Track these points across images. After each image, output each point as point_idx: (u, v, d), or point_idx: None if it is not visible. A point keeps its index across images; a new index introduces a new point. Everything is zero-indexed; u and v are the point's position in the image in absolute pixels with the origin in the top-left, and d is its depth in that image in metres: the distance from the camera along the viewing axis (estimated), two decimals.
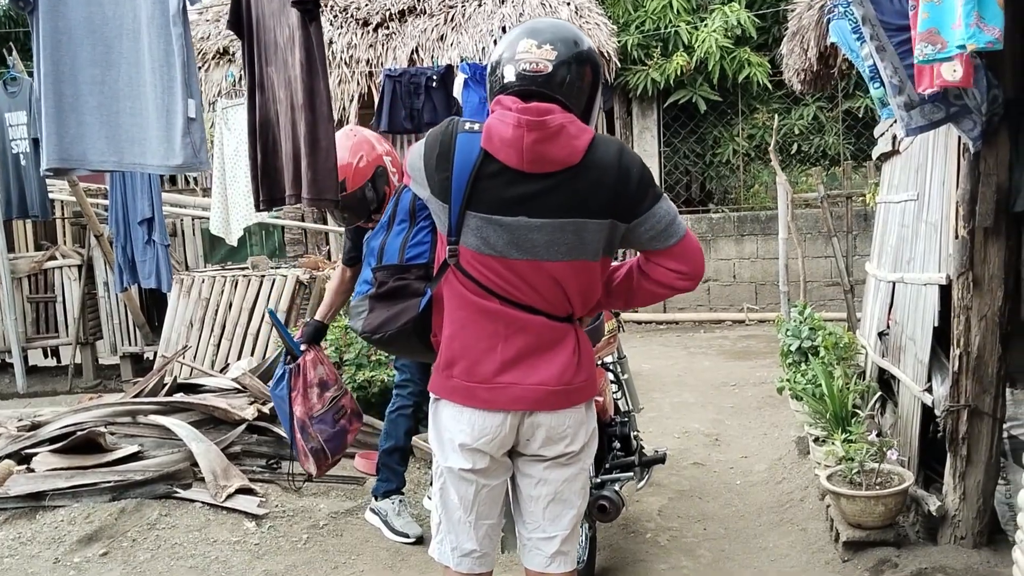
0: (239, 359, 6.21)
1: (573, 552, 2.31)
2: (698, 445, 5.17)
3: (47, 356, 8.71)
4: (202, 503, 3.84)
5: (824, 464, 3.79)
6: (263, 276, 6.67)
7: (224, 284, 6.77)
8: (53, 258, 8.04)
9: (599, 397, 3.04)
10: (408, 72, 6.46)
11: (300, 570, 3.50)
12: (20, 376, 7.66)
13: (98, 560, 3.51)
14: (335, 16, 9.69)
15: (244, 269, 7.02)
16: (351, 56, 9.28)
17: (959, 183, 3.16)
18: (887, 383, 4.41)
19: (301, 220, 8.94)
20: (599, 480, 3.25)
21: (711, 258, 9.87)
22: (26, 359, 8.15)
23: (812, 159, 10.19)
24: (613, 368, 3.93)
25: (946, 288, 3.33)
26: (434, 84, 6.43)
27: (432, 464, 2.30)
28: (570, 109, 2.07)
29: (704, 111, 9.97)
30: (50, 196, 7.44)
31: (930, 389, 3.46)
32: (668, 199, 2.13)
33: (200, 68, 9.57)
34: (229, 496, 3.85)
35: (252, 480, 4.06)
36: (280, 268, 7.06)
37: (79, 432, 4.16)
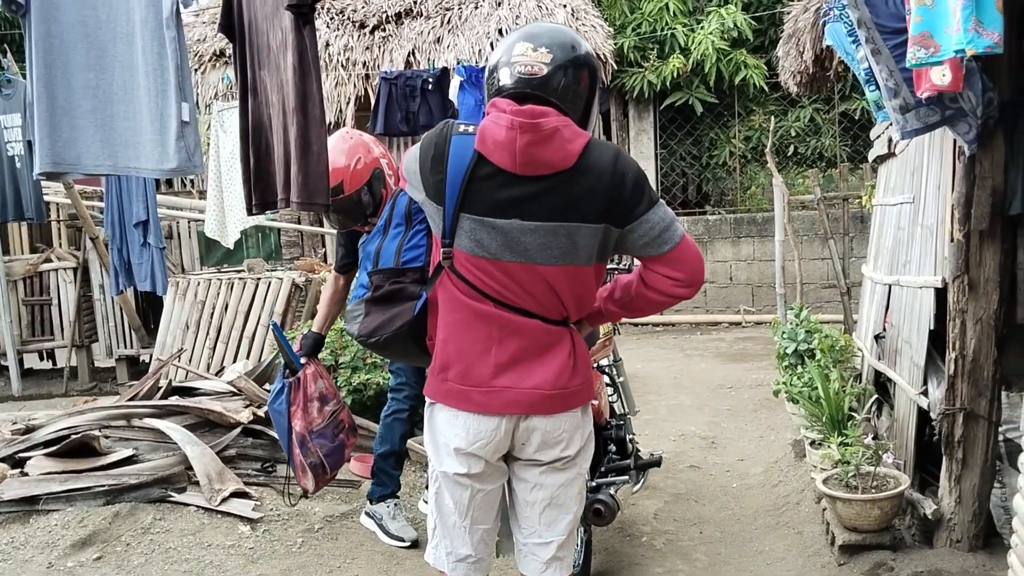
0: (235, 362, 6.20)
1: (569, 557, 2.31)
2: (694, 448, 5.17)
3: (43, 359, 8.68)
4: (197, 507, 3.83)
5: (820, 467, 3.79)
6: (259, 279, 6.65)
7: (220, 287, 6.75)
8: (49, 261, 8.02)
9: (594, 400, 3.04)
10: (404, 75, 6.46)
11: (295, 574, 3.48)
12: (15, 379, 7.65)
13: (92, 565, 3.50)
14: (331, 18, 9.68)
15: (240, 272, 7.01)
16: (347, 58, 9.27)
17: (954, 186, 3.16)
18: (883, 386, 4.41)
19: (297, 223, 8.93)
20: (594, 484, 3.24)
21: (707, 260, 9.86)
22: (21, 362, 8.13)
23: (808, 161, 10.19)
24: (609, 371, 3.93)
25: (942, 291, 3.33)
26: (430, 87, 6.43)
27: (428, 467, 2.30)
28: (566, 113, 2.07)
29: (700, 113, 9.97)
30: (45, 198, 7.43)
31: (926, 392, 3.45)
32: (665, 205, 2.11)
33: (196, 70, 9.55)
34: (224, 500, 3.85)
35: (247, 484, 4.06)
36: (276, 271, 7.05)
37: (73, 436, 4.15)
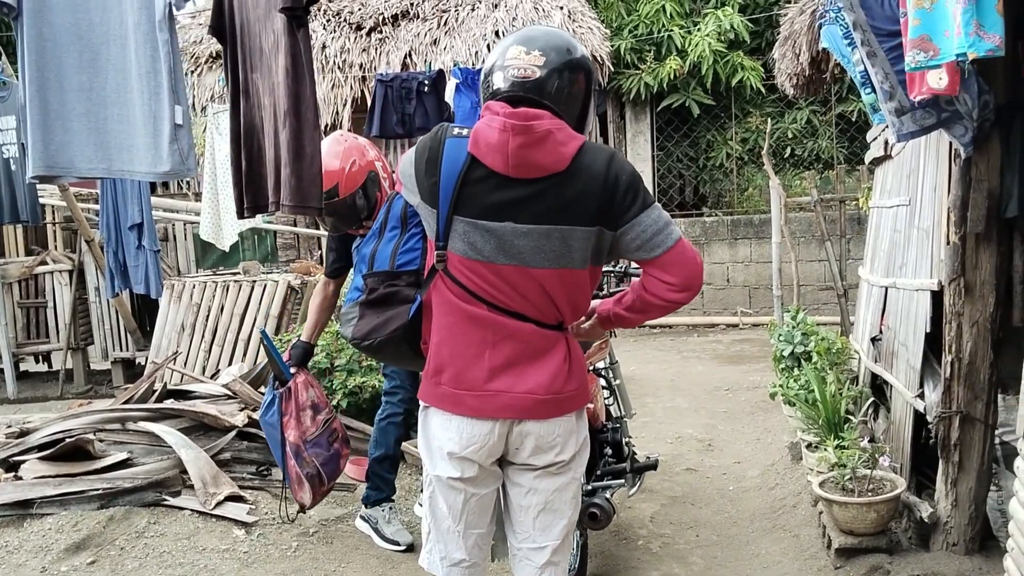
0: (230, 365, 6.18)
1: (564, 562, 2.30)
2: (691, 450, 5.16)
3: (38, 362, 8.67)
4: (191, 511, 3.82)
5: (816, 470, 3.78)
6: (254, 281, 6.64)
7: (215, 289, 6.74)
8: (44, 263, 8.00)
9: (590, 404, 3.03)
10: (400, 77, 6.44)
11: None
12: (10, 382, 7.63)
13: (85, 569, 3.48)
14: (328, 20, 9.67)
15: (235, 274, 7.00)
16: (344, 60, 9.27)
17: (950, 189, 3.15)
18: (880, 388, 4.40)
19: (293, 225, 8.92)
20: (590, 487, 3.23)
21: (705, 262, 9.80)
22: (17, 365, 8.11)
23: (805, 163, 10.20)
24: (605, 374, 3.92)
25: (938, 294, 3.32)
26: (426, 89, 6.42)
27: (423, 471, 2.29)
28: (561, 116, 2.06)
29: (697, 115, 9.97)
30: (41, 201, 7.40)
31: (922, 395, 3.44)
32: (659, 208, 2.09)
33: (193, 72, 9.54)
34: (218, 503, 3.83)
35: (242, 487, 4.04)
36: (272, 273, 7.04)
37: (68, 439, 4.13)
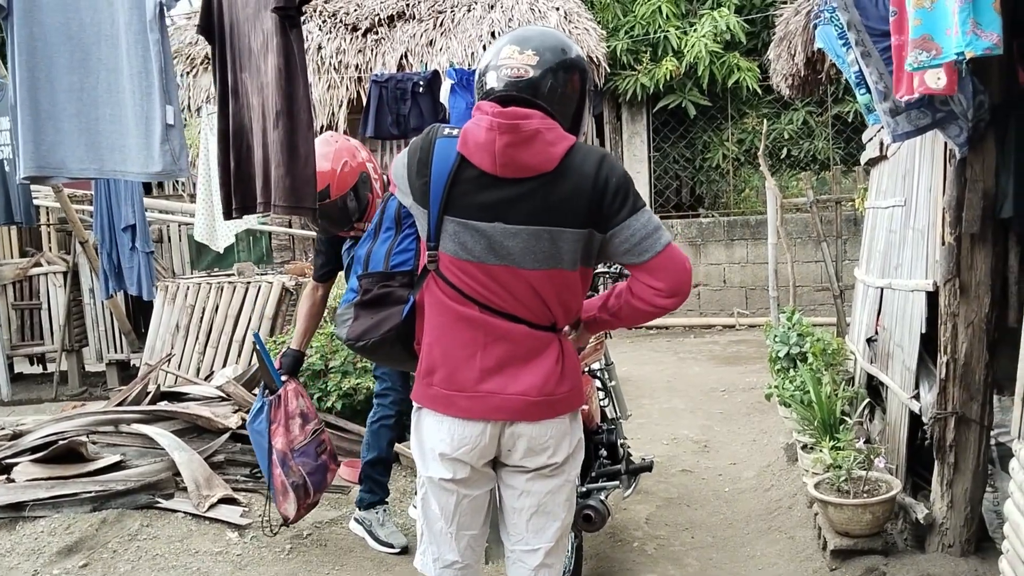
0: (224, 366, 6.16)
1: (558, 565, 2.29)
2: (687, 452, 5.15)
3: (33, 363, 8.64)
4: (184, 513, 3.80)
5: (812, 471, 3.77)
6: (248, 283, 6.62)
7: (209, 291, 6.72)
8: (38, 265, 7.98)
9: (585, 405, 3.01)
10: (395, 78, 6.43)
11: None
12: (5, 384, 7.60)
13: (78, 572, 3.47)
14: (324, 21, 9.66)
15: (230, 276, 6.97)
16: (340, 61, 9.25)
17: (945, 189, 3.14)
18: (876, 389, 4.39)
19: (288, 226, 8.90)
20: (585, 489, 3.21)
21: (701, 263, 9.85)
22: (11, 366, 8.09)
23: (802, 164, 10.19)
24: (600, 375, 3.91)
25: (933, 295, 3.31)
26: (420, 89, 6.40)
27: (417, 472, 2.28)
28: (554, 116, 2.05)
29: (694, 116, 9.96)
30: (35, 202, 7.38)
31: (918, 396, 3.44)
32: (651, 213, 2.06)
33: (188, 73, 9.53)
34: (212, 506, 3.81)
35: (235, 489, 4.03)
36: (266, 275, 7.02)
37: (61, 441, 4.12)
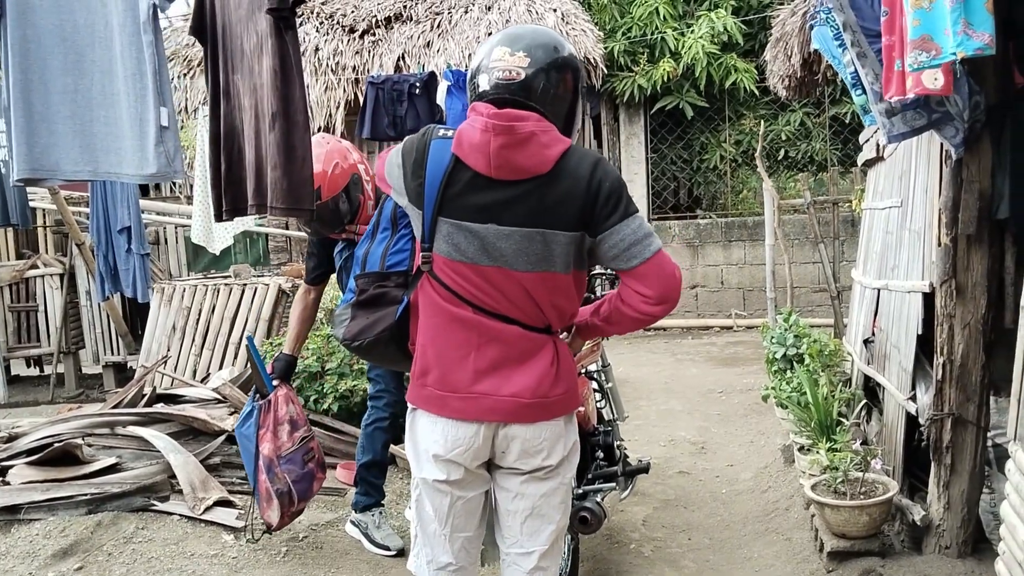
0: (220, 368, 6.15)
1: (553, 567, 2.28)
2: (684, 453, 5.14)
3: (30, 365, 8.64)
4: (180, 516, 3.79)
5: (809, 473, 3.76)
6: (245, 284, 6.61)
7: (206, 293, 6.71)
8: (35, 267, 7.97)
9: (581, 407, 3.00)
10: (391, 79, 6.42)
11: None
12: (1, 386, 7.60)
13: (73, 574, 3.45)
14: (321, 23, 9.67)
15: (226, 278, 6.96)
16: (337, 63, 9.26)
17: (941, 190, 3.14)
18: (873, 391, 4.39)
19: (285, 228, 8.89)
20: (581, 491, 3.21)
21: (699, 264, 9.86)
22: (8, 368, 8.09)
23: (799, 165, 10.19)
24: (597, 376, 3.90)
25: (930, 296, 3.31)
26: (417, 91, 6.39)
27: (412, 475, 2.28)
28: (548, 116, 2.04)
29: (691, 117, 9.96)
30: (31, 204, 7.37)
31: (914, 397, 3.43)
32: (642, 219, 2.06)
33: (185, 75, 9.53)
34: (207, 508, 3.80)
35: (231, 492, 4.01)
36: (263, 276, 7.01)
37: (56, 444, 4.11)
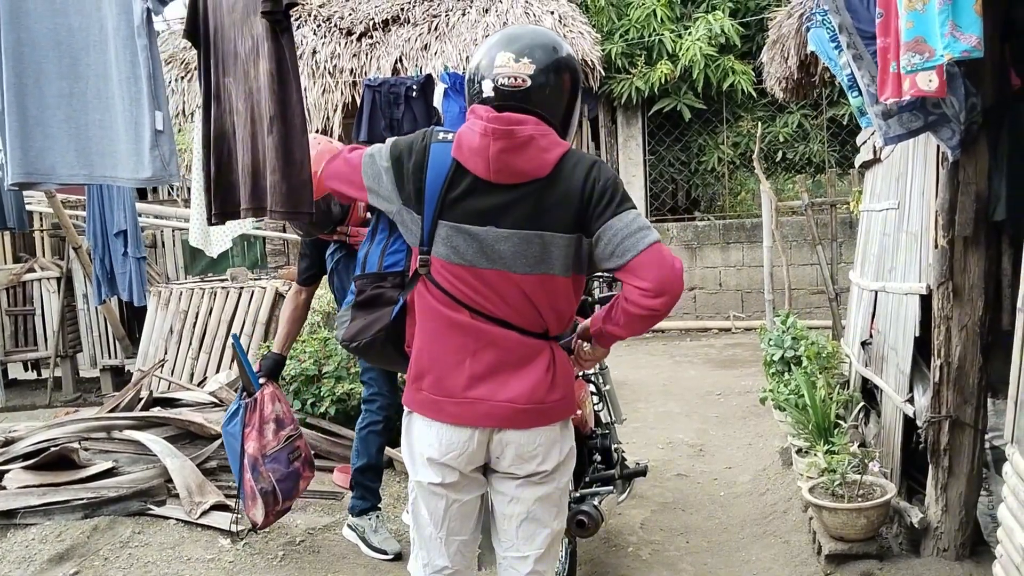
0: (217, 372, 6.14)
1: (550, 571, 2.29)
2: (682, 456, 5.13)
3: (27, 369, 8.62)
4: (176, 520, 3.77)
5: (807, 476, 3.76)
6: (242, 288, 6.60)
7: (203, 296, 6.70)
8: (32, 270, 7.97)
9: (578, 410, 3.00)
10: (388, 82, 6.41)
11: None
12: None
13: None
14: (318, 26, 9.66)
15: (223, 281, 6.96)
16: (335, 66, 9.26)
17: (938, 192, 3.14)
18: (871, 393, 4.38)
19: (283, 231, 8.88)
20: (578, 494, 3.20)
21: (697, 266, 9.85)
22: (5, 372, 8.08)
23: (797, 167, 10.20)
24: (594, 379, 3.89)
25: (927, 298, 3.31)
26: (414, 94, 6.38)
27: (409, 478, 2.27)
28: (548, 118, 2.04)
29: (689, 119, 9.96)
30: (28, 208, 7.36)
31: (912, 400, 3.43)
32: (637, 214, 2.03)
33: (182, 78, 9.53)
34: (204, 513, 3.78)
35: (228, 496, 3.99)
36: (260, 280, 7.00)
37: (52, 448, 4.09)
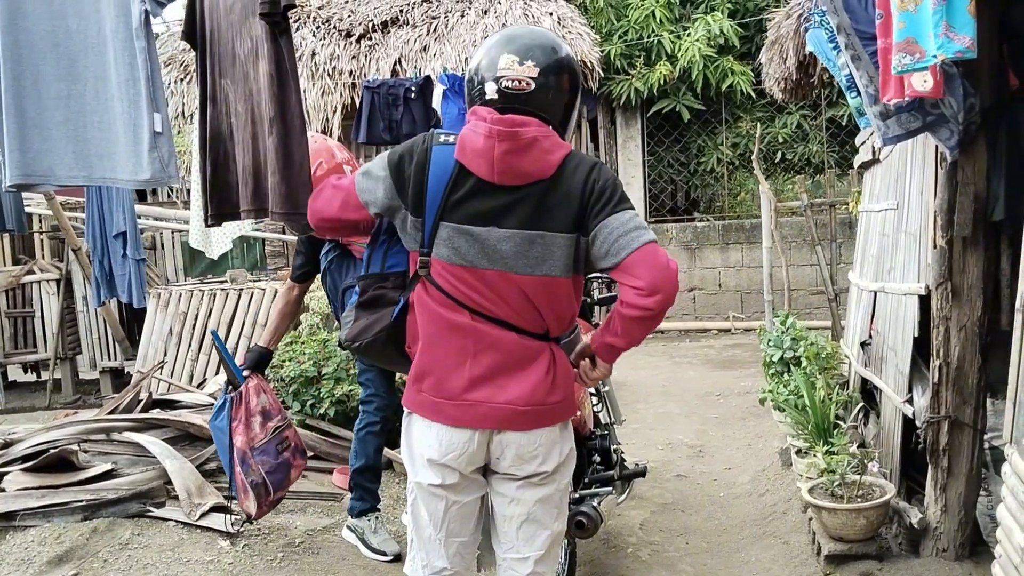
0: (217, 373, 6.13)
1: (549, 573, 2.29)
2: (682, 457, 5.13)
3: (27, 371, 8.62)
4: (176, 522, 3.76)
5: (806, 476, 3.76)
6: (241, 289, 6.60)
7: (202, 298, 6.70)
8: (31, 272, 7.97)
9: (577, 412, 3.00)
10: (387, 83, 6.42)
11: None
12: None
13: None
14: (318, 27, 9.66)
15: (223, 283, 6.96)
16: (334, 67, 9.25)
17: (937, 192, 3.14)
18: (870, 393, 4.38)
19: (282, 233, 8.88)
20: (578, 495, 3.20)
21: (696, 266, 9.85)
22: (5, 374, 8.08)
23: (796, 167, 10.19)
24: None
25: (926, 298, 3.31)
26: (412, 95, 6.39)
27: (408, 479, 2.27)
28: (549, 119, 2.06)
29: (688, 120, 9.95)
30: (27, 210, 7.37)
31: (911, 400, 3.43)
32: (633, 214, 2.03)
33: (182, 80, 9.53)
34: (203, 514, 3.78)
35: (227, 497, 3.99)
36: (260, 281, 7.00)
37: (51, 450, 4.09)
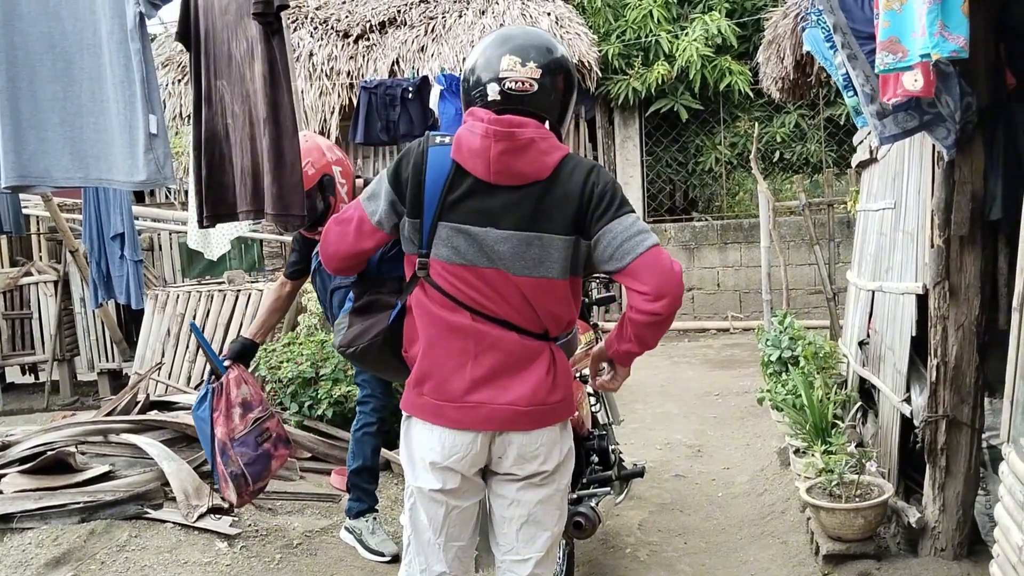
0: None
1: (549, 574, 2.28)
2: (680, 456, 5.13)
3: (25, 373, 8.60)
4: (173, 523, 3.76)
5: (804, 476, 3.76)
6: (239, 291, 6.60)
7: (200, 299, 6.70)
8: (29, 274, 7.96)
9: (576, 412, 2.99)
10: (384, 84, 6.42)
11: None
12: None
13: None
14: (315, 28, 9.65)
15: (220, 284, 6.95)
16: (331, 68, 9.24)
17: (934, 191, 3.14)
18: (868, 393, 4.38)
19: (280, 234, 8.88)
20: (576, 496, 3.20)
21: (695, 266, 9.85)
22: (2, 376, 8.07)
23: (794, 167, 10.20)
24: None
25: (923, 297, 3.30)
26: (410, 95, 6.39)
27: (406, 481, 2.27)
28: (548, 119, 2.07)
29: (686, 120, 9.96)
30: (24, 211, 7.36)
31: (909, 399, 3.43)
32: (636, 218, 2.04)
33: (179, 81, 9.51)
34: (201, 516, 3.78)
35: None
36: (257, 282, 6.99)
37: (49, 452, 4.08)
